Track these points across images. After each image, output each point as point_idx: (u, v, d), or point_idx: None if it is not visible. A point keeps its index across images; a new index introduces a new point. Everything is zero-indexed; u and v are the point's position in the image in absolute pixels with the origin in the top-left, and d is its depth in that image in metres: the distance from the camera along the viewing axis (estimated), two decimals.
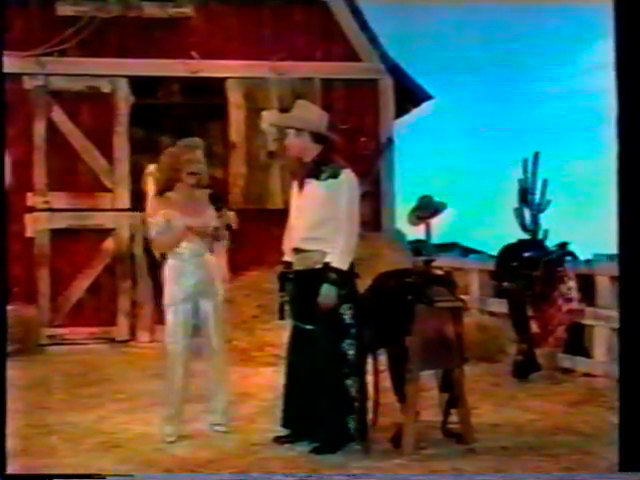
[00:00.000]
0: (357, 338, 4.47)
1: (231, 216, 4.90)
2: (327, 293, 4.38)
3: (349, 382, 4.43)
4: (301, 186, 4.61)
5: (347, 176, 4.52)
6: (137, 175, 8.91)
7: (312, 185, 4.54)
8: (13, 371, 6.78)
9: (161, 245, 4.88)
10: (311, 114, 4.68)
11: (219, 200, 4.91)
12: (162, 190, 4.83)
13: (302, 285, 4.53)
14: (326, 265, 4.41)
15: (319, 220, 4.48)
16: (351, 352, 4.44)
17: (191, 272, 4.76)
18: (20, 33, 8.60)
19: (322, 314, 4.39)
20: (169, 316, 4.78)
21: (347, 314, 4.46)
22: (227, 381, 4.94)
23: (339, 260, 4.40)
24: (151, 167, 9.08)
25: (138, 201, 8.85)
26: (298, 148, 4.61)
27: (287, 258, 4.69)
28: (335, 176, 4.49)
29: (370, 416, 4.52)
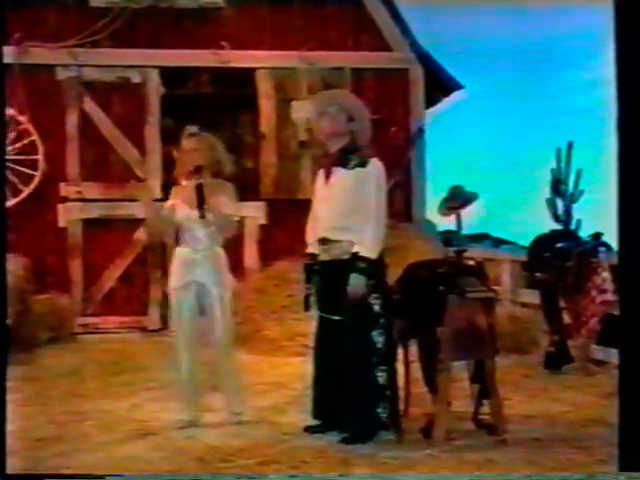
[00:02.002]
0: (387, 328, 4.45)
1: (222, 208, 4.72)
2: (356, 282, 4.34)
3: (378, 372, 4.40)
4: (328, 175, 4.56)
5: (375, 165, 4.48)
6: (168, 165, 8.97)
7: (339, 174, 4.50)
8: (48, 359, 7.00)
9: (155, 232, 5.05)
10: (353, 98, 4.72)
11: (202, 193, 4.65)
12: (178, 180, 4.95)
13: (329, 276, 4.50)
14: (355, 255, 4.37)
15: (347, 209, 4.44)
16: (380, 342, 4.42)
17: (195, 262, 4.77)
18: (53, 24, 8.71)
19: (351, 304, 4.36)
20: (172, 301, 4.86)
21: (376, 304, 4.43)
22: (237, 368, 4.93)
23: (368, 249, 4.37)
24: None
25: (169, 191, 8.90)
26: (337, 128, 4.49)
27: (312, 249, 4.64)
28: (363, 165, 4.45)
29: (401, 406, 4.51)
